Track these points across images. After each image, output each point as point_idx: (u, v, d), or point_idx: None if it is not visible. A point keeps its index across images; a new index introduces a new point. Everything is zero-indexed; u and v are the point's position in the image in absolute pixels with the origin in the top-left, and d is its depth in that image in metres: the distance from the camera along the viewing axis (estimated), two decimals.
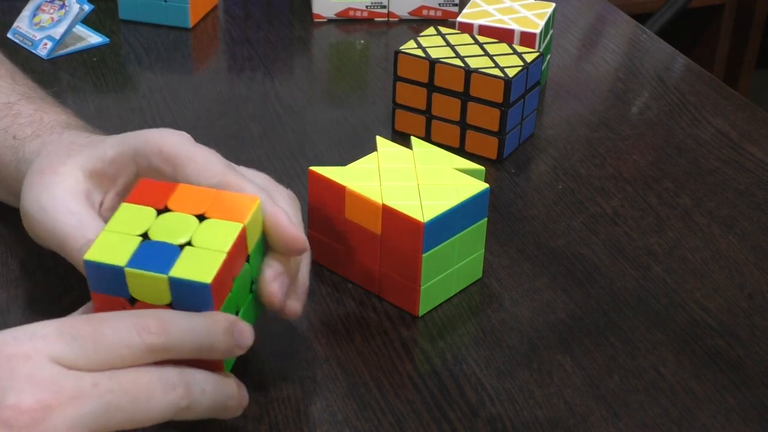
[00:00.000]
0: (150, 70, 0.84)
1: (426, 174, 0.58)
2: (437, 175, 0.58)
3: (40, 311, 0.56)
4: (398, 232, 0.55)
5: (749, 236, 0.65)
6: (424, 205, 0.55)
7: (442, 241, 0.56)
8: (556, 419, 0.51)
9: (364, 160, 0.60)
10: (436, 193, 0.56)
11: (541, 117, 0.78)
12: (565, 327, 0.57)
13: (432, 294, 0.57)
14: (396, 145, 0.61)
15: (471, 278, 0.60)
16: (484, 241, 0.59)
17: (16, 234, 0.62)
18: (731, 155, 0.73)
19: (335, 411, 0.51)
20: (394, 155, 0.60)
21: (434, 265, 0.56)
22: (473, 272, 0.60)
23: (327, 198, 0.58)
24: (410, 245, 0.55)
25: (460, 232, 0.57)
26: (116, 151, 0.53)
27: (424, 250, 0.55)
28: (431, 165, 0.59)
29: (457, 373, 0.54)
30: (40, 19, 0.86)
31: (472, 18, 0.78)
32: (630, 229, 0.65)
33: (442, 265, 0.57)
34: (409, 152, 0.60)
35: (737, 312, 0.58)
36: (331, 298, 0.58)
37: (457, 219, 0.56)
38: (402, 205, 0.55)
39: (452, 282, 0.58)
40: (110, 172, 0.53)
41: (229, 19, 0.94)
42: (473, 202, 0.57)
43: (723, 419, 0.51)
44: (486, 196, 0.58)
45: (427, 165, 0.59)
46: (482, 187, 0.57)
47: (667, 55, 0.90)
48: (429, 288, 0.57)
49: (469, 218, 0.57)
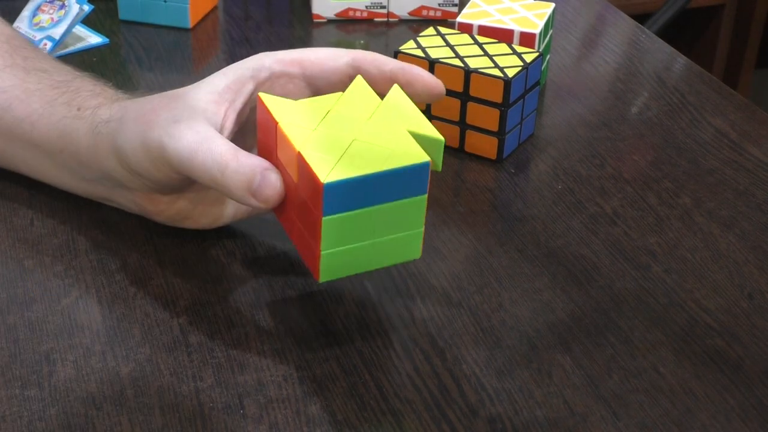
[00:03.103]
0: (150, 70, 0.84)
1: (373, 129, 0.52)
2: (384, 133, 0.52)
3: (40, 311, 0.56)
4: (306, 186, 0.51)
5: (749, 236, 0.65)
6: (340, 164, 0.50)
7: (353, 207, 0.50)
8: (555, 419, 0.51)
9: (326, 97, 0.55)
10: (364, 154, 0.51)
11: (540, 117, 0.78)
12: (565, 327, 0.57)
13: (339, 262, 0.52)
14: (370, 91, 0.55)
15: (403, 257, 0.54)
16: (422, 220, 0.53)
17: (16, 234, 0.62)
18: (731, 155, 0.73)
19: (335, 411, 0.51)
20: (358, 100, 0.54)
21: (342, 232, 0.51)
22: (406, 251, 0.54)
23: (266, 130, 0.54)
24: (314, 204, 0.50)
25: (384, 203, 0.51)
26: (229, 79, 0.56)
27: (324, 213, 0.50)
28: (387, 121, 0.53)
29: (456, 373, 0.54)
30: (40, 19, 0.86)
31: (471, 18, 0.78)
32: (630, 229, 0.65)
33: (355, 235, 0.51)
34: (376, 101, 0.54)
35: (737, 312, 0.58)
36: (331, 298, 0.58)
37: (380, 188, 0.50)
38: (315, 158, 0.50)
39: (372, 255, 0.52)
40: (226, 97, 0.56)
41: (229, 19, 0.94)
42: (405, 174, 0.50)
43: (723, 419, 0.51)
44: (425, 171, 0.51)
45: (383, 120, 0.53)
46: (420, 159, 0.51)
47: (666, 56, 0.90)
48: (333, 255, 0.51)
49: (400, 191, 0.51)
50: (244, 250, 0.62)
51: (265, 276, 0.60)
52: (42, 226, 0.63)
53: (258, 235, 0.63)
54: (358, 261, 0.53)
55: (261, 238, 0.62)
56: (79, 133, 0.59)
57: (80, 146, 0.59)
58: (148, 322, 0.56)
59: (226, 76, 0.56)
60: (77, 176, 0.62)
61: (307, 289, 0.59)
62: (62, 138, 0.60)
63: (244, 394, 0.52)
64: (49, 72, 0.64)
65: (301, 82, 0.57)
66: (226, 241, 0.62)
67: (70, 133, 0.60)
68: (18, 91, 0.62)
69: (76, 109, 0.60)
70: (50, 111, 0.61)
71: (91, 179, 0.61)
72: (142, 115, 0.56)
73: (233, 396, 0.52)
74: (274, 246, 0.62)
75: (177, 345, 0.55)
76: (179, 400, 0.51)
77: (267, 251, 0.62)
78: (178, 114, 0.54)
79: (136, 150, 0.55)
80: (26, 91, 0.62)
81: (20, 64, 0.64)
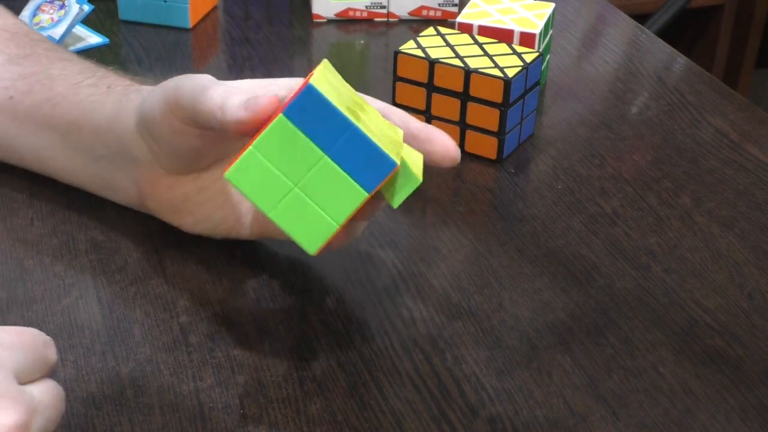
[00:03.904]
0: (150, 70, 0.84)
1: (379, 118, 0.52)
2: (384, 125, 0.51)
3: (40, 311, 0.56)
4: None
5: (749, 236, 0.65)
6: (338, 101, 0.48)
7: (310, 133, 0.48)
8: (555, 419, 0.51)
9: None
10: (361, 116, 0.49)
11: (540, 117, 0.78)
12: (565, 327, 0.57)
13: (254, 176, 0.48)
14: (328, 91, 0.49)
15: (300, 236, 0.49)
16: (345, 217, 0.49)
17: (16, 234, 0.62)
18: (731, 155, 0.73)
19: (335, 411, 0.51)
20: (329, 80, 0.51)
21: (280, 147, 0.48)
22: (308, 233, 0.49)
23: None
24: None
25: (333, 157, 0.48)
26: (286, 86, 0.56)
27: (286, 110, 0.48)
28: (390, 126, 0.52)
29: (457, 373, 0.54)
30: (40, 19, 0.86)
31: (471, 18, 0.78)
32: (629, 229, 0.65)
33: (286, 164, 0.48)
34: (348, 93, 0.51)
35: (737, 312, 0.58)
36: (331, 298, 0.58)
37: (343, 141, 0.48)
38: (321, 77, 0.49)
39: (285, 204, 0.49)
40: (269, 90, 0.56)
41: (229, 19, 0.94)
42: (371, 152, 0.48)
43: (723, 419, 0.51)
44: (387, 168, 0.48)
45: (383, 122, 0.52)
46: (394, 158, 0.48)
47: (666, 56, 0.90)
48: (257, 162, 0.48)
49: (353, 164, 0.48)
50: (244, 250, 0.62)
51: (265, 276, 0.60)
52: (42, 226, 0.63)
53: None
54: (269, 193, 0.48)
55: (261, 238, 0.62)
56: (104, 105, 0.60)
57: (103, 117, 0.60)
58: (148, 322, 0.56)
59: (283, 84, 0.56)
60: (88, 156, 0.62)
61: (308, 289, 0.59)
62: (84, 115, 0.61)
63: (244, 394, 0.52)
64: (72, 61, 0.65)
65: None
66: (226, 241, 0.62)
67: (95, 108, 0.61)
68: (41, 77, 0.63)
69: (106, 87, 0.61)
70: (75, 92, 0.62)
71: (101, 157, 0.61)
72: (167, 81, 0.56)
73: (233, 396, 0.52)
74: (275, 246, 0.62)
75: (177, 345, 0.55)
76: (179, 400, 0.51)
77: (267, 251, 0.62)
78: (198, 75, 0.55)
79: (153, 106, 0.55)
80: (50, 77, 0.63)
81: (42, 53, 0.66)
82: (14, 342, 0.42)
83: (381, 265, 0.61)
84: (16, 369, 0.42)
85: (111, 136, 0.60)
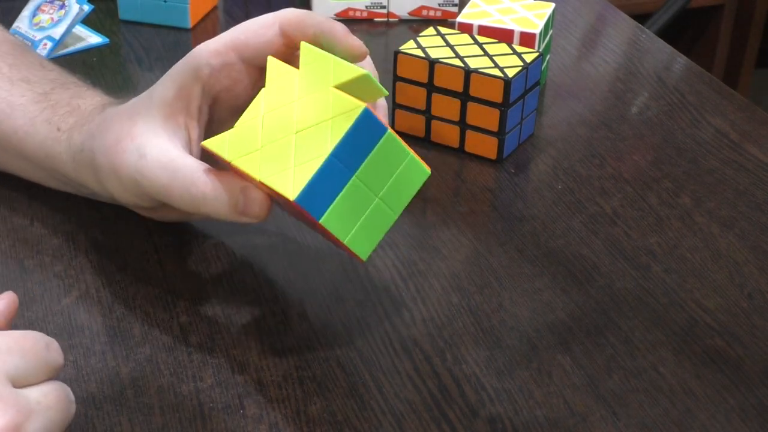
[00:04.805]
0: (150, 70, 0.84)
1: (305, 109, 0.52)
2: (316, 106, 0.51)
3: (40, 311, 0.56)
4: (286, 201, 0.51)
5: (749, 236, 0.65)
6: (297, 169, 0.50)
7: (337, 191, 0.50)
8: (555, 419, 0.51)
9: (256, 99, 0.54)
10: (310, 142, 0.50)
11: (540, 117, 0.78)
12: (565, 327, 0.57)
13: (366, 234, 0.52)
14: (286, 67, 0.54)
15: (416, 184, 0.53)
16: (405, 148, 0.52)
17: (16, 234, 0.62)
18: (731, 155, 0.73)
19: (335, 411, 0.51)
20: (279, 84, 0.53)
21: (346, 215, 0.51)
22: (414, 178, 0.53)
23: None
24: (303, 211, 0.50)
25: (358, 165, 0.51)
26: (175, 88, 0.56)
27: (317, 217, 0.50)
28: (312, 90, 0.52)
29: (456, 373, 0.54)
30: (40, 19, 0.86)
31: (471, 18, 0.78)
32: (629, 229, 0.65)
33: (359, 206, 0.51)
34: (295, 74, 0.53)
35: (737, 312, 0.58)
36: (331, 298, 0.58)
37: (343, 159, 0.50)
38: (275, 179, 0.50)
39: (389, 205, 0.52)
40: (179, 106, 0.56)
41: (229, 19, 0.94)
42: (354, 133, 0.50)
43: (723, 419, 0.51)
44: (368, 117, 0.51)
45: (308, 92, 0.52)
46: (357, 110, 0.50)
47: (666, 55, 0.90)
48: (356, 235, 0.51)
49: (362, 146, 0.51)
50: (244, 250, 0.62)
51: (265, 276, 0.60)
52: (42, 226, 0.63)
53: (258, 234, 0.63)
54: (381, 218, 0.52)
55: (261, 238, 0.62)
56: (62, 156, 0.60)
57: (66, 169, 0.60)
58: (148, 322, 0.56)
59: (172, 85, 0.56)
60: (70, 188, 0.63)
61: (307, 289, 0.59)
62: (49, 158, 0.61)
63: (244, 394, 0.52)
64: (32, 83, 0.64)
65: (241, 65, 0.56)
66: (226, 241, 0.62)
67: (55, 155, 0.61)
68: (3, 105, 0.62)
69: (56, 129, 0.61)
70: (34, 130, 0.61)
71: (86, 193, 0.63)
72: (107, 148, 0.56)
73: (233, 396, 0.52)
74: (275, 246, 0.62)
75: (177, 345, 0.55)
76: (179, 400, 0.51)
77: (267, 251, 0.62)
78: (141, 143, 0.55)
79: (115, 187, 0.57)
80: (11, 105, 0.62)
81: (6, 73, 0.64)
82: (11, 346, 0.43)
83: (381, 265, 0.61)
84: (12, 373, 0.42)
85: (84, 190, 0.62)
